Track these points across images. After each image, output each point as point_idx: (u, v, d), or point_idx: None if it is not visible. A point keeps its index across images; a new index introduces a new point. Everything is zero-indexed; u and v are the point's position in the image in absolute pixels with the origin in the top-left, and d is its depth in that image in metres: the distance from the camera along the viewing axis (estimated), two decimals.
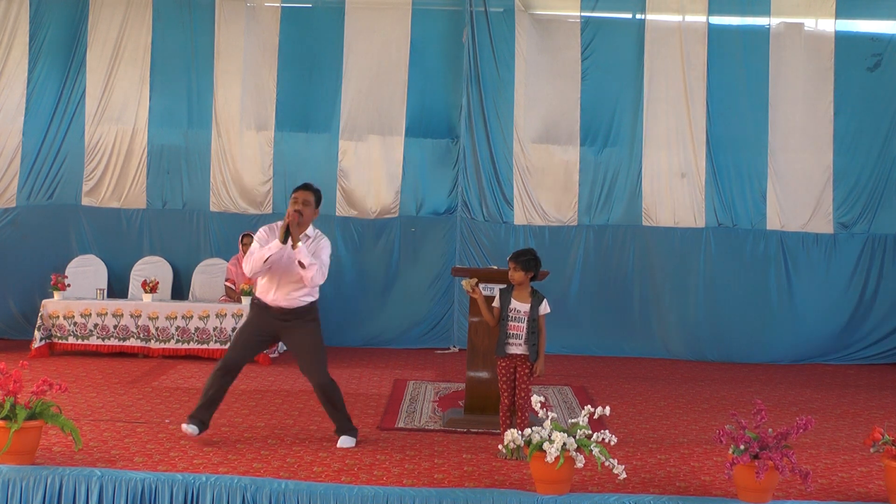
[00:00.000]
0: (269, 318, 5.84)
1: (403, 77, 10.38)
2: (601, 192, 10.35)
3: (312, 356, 5.84)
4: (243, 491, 4.87)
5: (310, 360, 5.83)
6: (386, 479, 5.10)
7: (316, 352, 5.86)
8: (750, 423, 4.89)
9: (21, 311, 10.16)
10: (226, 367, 5.82)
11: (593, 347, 10.23)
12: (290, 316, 5.82)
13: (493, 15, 10.33)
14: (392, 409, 7.08)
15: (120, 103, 10.39)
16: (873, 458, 5.72)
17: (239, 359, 5.88)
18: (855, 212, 10.28)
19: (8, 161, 10.29)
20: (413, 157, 10.39)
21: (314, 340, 5.87)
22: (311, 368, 5.82)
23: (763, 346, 10.12)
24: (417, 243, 10.37)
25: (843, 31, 10.31)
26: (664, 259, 10.25)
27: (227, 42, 10.39)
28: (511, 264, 5.85)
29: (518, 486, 5.02)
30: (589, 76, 10.33)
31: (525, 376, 5.80)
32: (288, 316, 5.81)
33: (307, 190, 5.86)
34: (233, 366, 5.84)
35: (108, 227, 10.33)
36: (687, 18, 10.26)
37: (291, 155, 10.42)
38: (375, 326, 10.35)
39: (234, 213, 10.33)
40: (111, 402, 6.96)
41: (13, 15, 10.30)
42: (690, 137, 10.23)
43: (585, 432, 4.86)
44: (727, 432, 4.87)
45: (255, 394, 7.46)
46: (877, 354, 10.21)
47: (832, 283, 10.25)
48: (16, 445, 4.93)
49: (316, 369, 5.81)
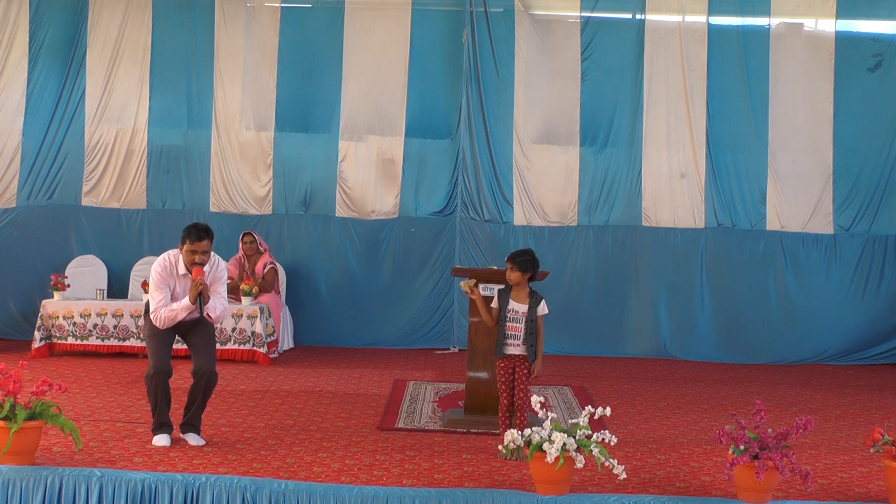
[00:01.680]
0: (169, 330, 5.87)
1: (403, 77, 10.38)
2: (601, 193, 10.34)
3: (209, 343, 5.90)
4: (243, 491, 4.87)
5: (206, 346, 5.86)
6: (386, 480, 5.10)
7: (213, 339, 5.96)
8: (750, 423, 4.89)
9: (21, 311, 10.16)
10: (159, 374, 5.70)
11: (593, 347, 10.23)
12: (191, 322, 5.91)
13: (493, 15, 10.33)
14: (392, 409, 7.08)
15: (120, 103, 10.39)
16: (873, 459, 5.71)
17: (166, 360, 5.78)
18: (855, 213, 10.28)
19: (8, 161, 10.29)
20: (413, 157, 10.40)
21: (212, 328, 5.98)
22: (206, 354, 5.83)
23: (763, 346, 10.12)
24: (417, 244, 10.37)
25: (844, 31, 10.30)
26: (664, 259, 10.25)
27: (227, 42, 10.39)
28: (508, 265, 5.84)
29: (518, 487, 5.01)
30: (589, 76, 10.33)
31: (524, 377, 5.80)
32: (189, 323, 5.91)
33: (203, 239, 5.74)
34: (164, 368, 5.73)
35: (107, 227, 10.33)
36: (687, 19, 10.26)
37: (291, 155, 10.42)
38: (375, 327, 10.34)
39: (234, 214, 10.33)
40: (111, 402, 6.96)
41: (13, 15, 10.30)
42: (690, 138, 10.23)
43: (585, 433, 4.85)
44: (727, 432, 4.87)
45: (255, 394, 7.46)
46: (877, 355, 10.21)
47: (832, 283, 10.25)
48: (15, 446, 4.93)
49: (210, 356, 5.86)
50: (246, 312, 8.88)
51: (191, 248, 5.72)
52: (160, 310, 5.74)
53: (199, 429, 5.86)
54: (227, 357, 8.84)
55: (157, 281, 5.78)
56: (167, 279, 5.79)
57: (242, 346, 8.89)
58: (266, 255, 9.68)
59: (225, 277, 5.98)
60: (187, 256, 5.74)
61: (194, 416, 5.83)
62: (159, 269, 5.81)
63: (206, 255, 5.76)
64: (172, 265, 5.82)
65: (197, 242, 5.72)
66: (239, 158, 10.42)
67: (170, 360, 5.81)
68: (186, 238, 5.74)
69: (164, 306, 5.75)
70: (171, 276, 5.80)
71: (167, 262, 5.83)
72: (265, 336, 8.92)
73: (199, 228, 5.77)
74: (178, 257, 5.82)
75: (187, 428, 5.82)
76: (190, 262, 5.74)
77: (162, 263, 5.84)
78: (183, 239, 5.76)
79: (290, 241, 10.41)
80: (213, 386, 5.88)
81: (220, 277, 5.90)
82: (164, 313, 5.73)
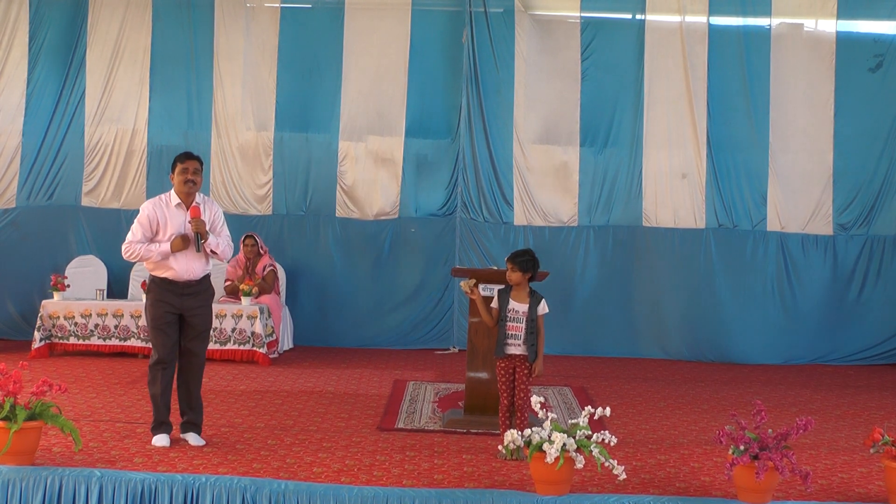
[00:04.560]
0: (171, 296, 5.71)
1: (403, 77, 10.37)
2: (601, 193, 10.34)
3: (205, 332, 5.86)
4: (243, 491, 4.87)
5: (202, 335, 5.83)
6: (386, 480, 5.10)
7: (209, 327, 5.90)
8: (750, 423, 4.89)
9: (21, 311, 10.16)
10: (163, 363, 5.69)
11: (593, 348, 10.23)
12: (192, 288, 5.76)
13: (493, 15, 10.33)
14: (392, 409, 7.08)
15: (120, 104, 10.39)
16: (873, 459, 5.71)
17: (171, 349, 5.73)
18: (855, 213, 10.27)
19: (8, 161, 10.29)
20: (413, 157, 10.39)
21: (210, 316, 5.91)
22: (200, 341, 5.80)
23: (763, 346, 10.11)
24: (417, 244, 10.37)
25: (845, 31, 10.29)
26: (664, 260, 10.25)
27: (226, 42, 10.39)
28: (509, 265, 5.84)
29: (518, 487, 5.01)
30: (589, 76, 10.33)
31: (524, 377, 5.80)
32: (190, 289, 5.75)
33: (193, 158, 5.73)
34: (167, 357, 5.70)
35: (107, 227, 10.31)
36: (687, 19, 10.25)
37: (291, 155, 10.42)
38: (375, 327, 10.34)
39: (234, 214, 10.31)
40: (111, 402, 6.96)
41: (13, 15, 10.30)
42: (691, 138, 10.23)
43: (585, 433, 4.85)
44: (727, 433, 4.87)
45: (255, 394, 7.46)
46: (876, 355, 10.20)
47: (832, 284, 10.25)
48: (15, 446, 4.93)
49: (203, 344, 5.84)
50: (246, 313, 8.89)
51: (182, 166, 5.68)
52: (135, 244, 5.65)
53: (201, 429, 5.85)
54: (227, 357, 8.84)
55: (141, 217, 5.70)
56: (154, 214, 5.68)
57: (242, 346, 8.89)
58: (266, 257, 9.68)
59: (221, 213, 5.90)
60: (179, 177, 5.68)
61: (194, 415, 5.83)
62: (148, 205, 5.73)
63: (198, 176, 5.72)
64: (164, 200, 5.75)
65: (188, 161, 5.70)
66: (239, 158, 10.42)
67: (175, 350, 5.77)
68: (176, 160, 5.72)
69: (139, 242, 5.66)
70: (161, 210, 5.70)
71: (158, 199, 5.77)
72: (265, 336, 8.92)
73: (188, 152, 5.79)
74: (171, 193, 5.76)
75: (188, 427, 5.81)
76: (183, 182, 5.66)
77: (152, 201, 5.78)
78: (173, 165, 5.73)
79: (290, 241, 10.40)
80: (201, 369, 5.83)
81: (217, 216, 5.84)
82: (139, 249, 5.64)
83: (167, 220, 5.72)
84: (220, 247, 5.74)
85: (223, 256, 5.81)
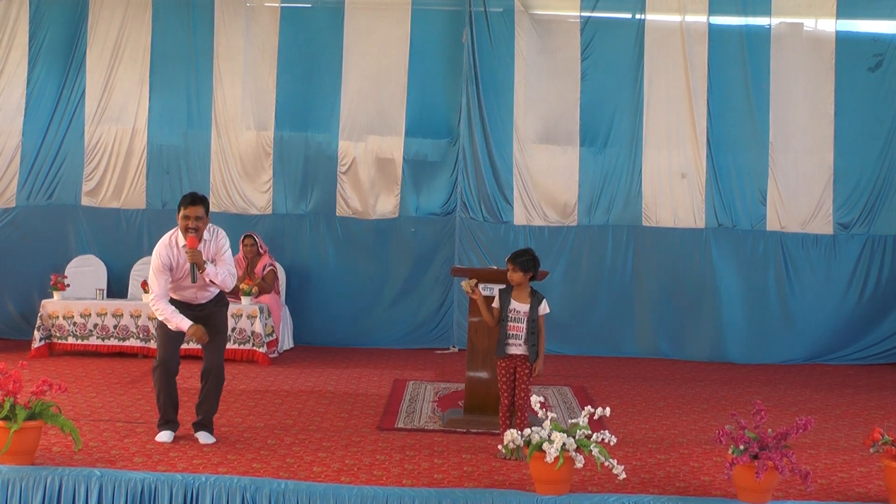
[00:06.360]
0: (186, 310, 5.81)
1: (403, 77, 10.37)
2: (601, 193, 10.34)
3: (221, 338, 5.94)
4: (243, 491, 4.87)
5: (219, 341, 5.89)
6: (385, 480, 5.10)
7: (224, 335, 6.01)
8: (750, 423, 4.89)
9: (20, 311, 10.15)
10: (165, 366, 5.72)
11: (593, 347, 10.22)
12: (205, 306, 5.88)
13: (493, 15, 10.32)
14: (392, 409, 7.08)
15: (119, 103, 10.39)
16: (873, 459, 5.71)
17: (172, 354, 5.78)
18: (855, 213, 10.27)
19: (7, 161, 10.28)
20: (413, 157, 10.39)
21: (225, 324, 6.02)
22: (216, 350, 5.85)
23: (763, 346, 10.11)
24: (417, 244, 10.36)
25: (844, 31, 10.28)
26: (664, 259, 10.24)
27: (226, 42, 10.39)
28: (509, 265, 5.85)
29: (518, 487, 5.01)
30: (588, 76, 10.33)
31: (525, 376, 5.80)
32: (204, 309, 5.87)
33: (196, 204, 5.70)
34: (168, 362, 5.74)
35: (107, 227, 10.32)
36: (687, 18, 10.25)
37: (291, 155, 10.42)
38: (375, 327, 10.34)
39: (234, 214, 10.32)
40: (111, 402, 6.96)
41: (13, 15, 10.29)
42: (690, 138, 10.23)
43: (585, 432, 4.85)
44: (727, 432, 4.87)
45: (255, 394, 7.46)
46: (876, 354, 10.20)
47: (832, 283, 10.24)
48: (15, 446, 4.93)
49: (219, 352, 5.89)
50: (245, 312, 8.89)
51: (184, 213, 5.67)
52: (159, 301, 5.71)
53: (212, 428, 5.88)
54: (227, 357, 8.72)
55: (157, 265, 5.72)
56: (168, 259, 5.71)
57: (242, 345, 8.89)
58: (266, 257, 9.68)
59: (227, 246, 5.89)
60: (181, 223, 5.69)
61: (206, 416, 5.85)
62: (160, 250, 5.74)
63: (201, 222, 5.70)
64: (173, 241, 5.77)
65: (191, 207, 5.67)
66: (239, 158, 10.42)
67: (177, 355, 5.81)
68: (181, 205, 5.71)
69: (162, 297, 5.71)
70: (173, 252, 5.73)
71: (168, 240, 5.78)
72: (265, 336, 8.92)
73: (194, 195, 5.75)
74: (178, 231, 5.78)
75: (199, 427, 5.85)
76: (184, 228, 5.68)
77: (163, 242, 5.78)
78: (179, 207, 5.73)
79: (290, 241, 10.40)
80: (221, 383, 5.90)
81: (221, 247, 5.84)
82: (158, 311, 5.71)
83: (178, 263, 5.76)
84: (218, 276, 5.73)
85: (223, 286, 5.81)
